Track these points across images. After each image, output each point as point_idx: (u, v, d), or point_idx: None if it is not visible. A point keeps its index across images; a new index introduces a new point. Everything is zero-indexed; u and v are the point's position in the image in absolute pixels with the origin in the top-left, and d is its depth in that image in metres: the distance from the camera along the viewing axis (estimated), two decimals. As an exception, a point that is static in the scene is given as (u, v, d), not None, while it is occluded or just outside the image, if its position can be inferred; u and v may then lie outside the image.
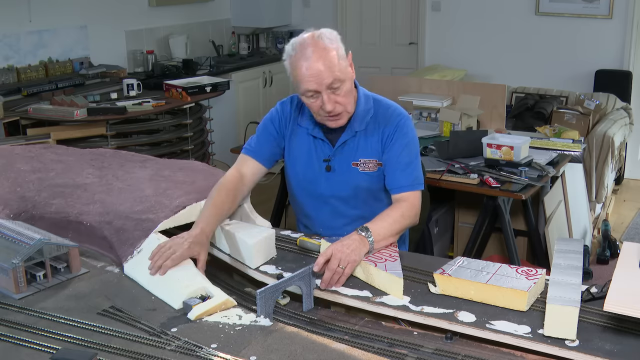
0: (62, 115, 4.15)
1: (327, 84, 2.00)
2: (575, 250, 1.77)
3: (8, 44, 4.81)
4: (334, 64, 1.99)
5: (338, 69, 2.00)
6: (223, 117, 5.60)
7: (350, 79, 2.07)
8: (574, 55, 5.81)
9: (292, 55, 2.02)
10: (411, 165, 2.16)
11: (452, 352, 1.49)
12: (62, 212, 2.11)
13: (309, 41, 2.00)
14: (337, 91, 2.03)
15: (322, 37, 2.01)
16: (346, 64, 2.06)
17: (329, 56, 1.99)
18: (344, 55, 2.06)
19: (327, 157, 2.20)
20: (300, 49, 2.00)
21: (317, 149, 2.21)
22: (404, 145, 2.16)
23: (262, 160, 2.23)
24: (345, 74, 2.04)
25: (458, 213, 3.93)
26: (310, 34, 2.03)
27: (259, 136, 2.25)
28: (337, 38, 2.06)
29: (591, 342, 1.48)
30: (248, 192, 2.20)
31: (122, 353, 1.46)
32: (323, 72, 1.98)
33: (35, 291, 1.75)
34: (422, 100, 4.28)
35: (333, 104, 2.04)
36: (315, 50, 1.98)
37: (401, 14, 6.60)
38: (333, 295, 1.74)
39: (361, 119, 2.16)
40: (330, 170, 2.20)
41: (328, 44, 2.00)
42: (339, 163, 2.19)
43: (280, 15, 6.76)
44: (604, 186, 4.79)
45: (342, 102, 2.06)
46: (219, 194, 2.06)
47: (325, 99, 2.02)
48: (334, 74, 1.99)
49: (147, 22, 5.86)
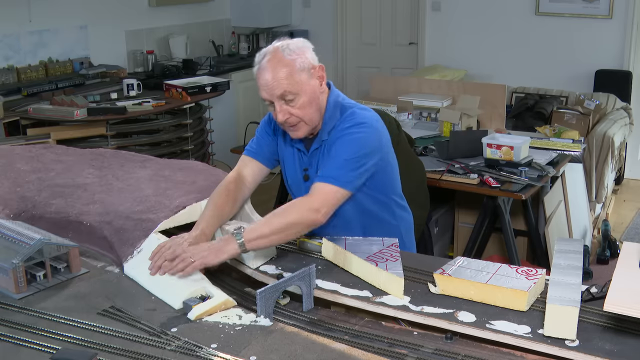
0: (62, 115, 4.16)
1: (277, 94, 1.98)
2: (575, 250, 1.77)
3: (8, 44, 4.82)
4: (285, 76, 1.96)
5: (290, 82, 1.96)
6: (223, 117, 5.60)
7: (309, 92, 2.01)
8: (573, 55, 5.81)
9: (257, 62, 2.03)
10: (348, 164, 1.98)
11: (452, 352, 1.49)
12: (62, 212, 2.11)
13: (270, 50, 2.00)
14: (291, 103, 2.00)
15: (285, 48, 1.98)
16: (306, 77, 2.00)
17: (282, 69, 1.96)
18: (306, 68, 2.00)
19: (305, 166, 2.18)
20: (261, 57, 2.01)
21: (297, 158, 2.19)
22: (344, 144, 2.02)
23: (264, 161, 2.21)
24: (301, 87, 1.99)
25: (458, 213, 3.93)
26: (277, 44, 2.01)
27: (258, 137, 2.25)
28: (304, 50, 2.01)
29: (591, 342, 1.48)
30: (249, 193, 2.19)
31: (122, 353, 1.46)
32: (272, 82, 1.97)
33: (35, 291, 1.75)
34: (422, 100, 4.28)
35: (285, 114, 2.00)
36: (270, 61, 1.97)
37: (401, 14, 6.60)
38: (333, 295, 1.74)
39: (325, 128, 2.10)
40: (307, 180, 2.16)
41: (287, 55, 1.97)
42: (313, 172, 2.15)
43: (280, 15, 6.76)
44: (604, 186, 4.79)
45: (297, 114, 2.01)
46: (219, 196, 2.06)
47: (277, 109, 2.00)
48: (282, 86, 1.96)
49: (147, 22, 5.86)
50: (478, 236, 3.53)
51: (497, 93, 4.16)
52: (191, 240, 1.87)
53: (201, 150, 4.95)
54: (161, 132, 4.71)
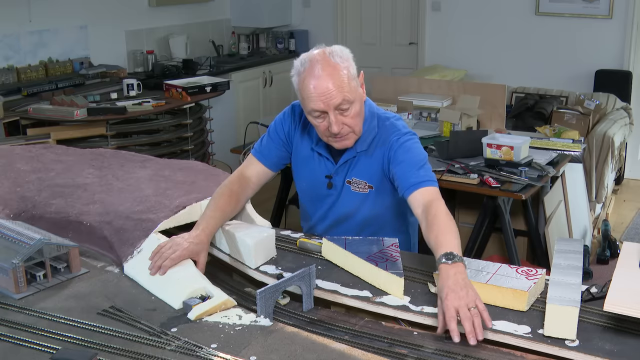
0: (62, 115, 4.16)
1: (335, 104, 1.90)
2: (575, 250, 1.77)
3: (8, 44, 4.82)
4: (344, 83, 1.89)
5: (347, 89, 1.90)
6: (223, 117, 5.60)
7: (359, 100, 1.97)
8: (573, 55, 5.82)
9: (301, 71, 1.92)
10: (424, 167, 2.01)
11: (452, 352, 1.49)
12: (62, 212, 2.11)
13: (319, 58, 1.90)
14: (345, 112, 1.93)
15: (334, 54, 1.91)
16: (357, 85, 1.96)
17: (339, 75, 1.89)
18: (355, 75, 1.95)
19: (329, 173, 2.14)
20: (309, 65, 1.90)
21: (320, 165, 2.16)
22: (407, 150, 2.03)
23: (269, 164, 2.17)
24: (355, 94, 1.94)
25: (458, 213, 3.93)
26: (321, 50, 1.93)
27: (267, 140, 2.19)
28: (349, 57, 1.95)
29: (591, 342, 1.48)
30: (252, 194, 2.16)
31: (122, 353, 1.46)
32: (332, 91, 1.88)
33: (35, 291, 1.75)
34: (422, 100, 4.28)
35: (340, 125, 1.94)
36: (325, 68, 1.88)
37: (401, 14, 6.60)
38: (333, 295, 1.74)
39: (364, 139, 2.07)
40: (331, 188, 2.15)
41: (339, 62, 1.90)
42: (340, 180, 2.14)
43: (280, 15, 6.76)
44: (604, 186, 4.79)
45: (350, 123, 1.96)
46: (221, 196, 2.03)
47: (332, 120, 1.92)
48: (343, 94, 1.89)
49: (147, 22, 5.86)
50: (478, 236, 3.53)
51: (497, 93, 4.16)
52: (191, 240, 1.86)
53: (201, 150, 4.96)
54: (161, 132, 4.71)
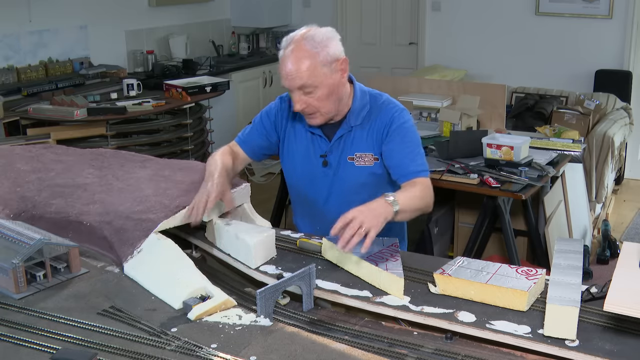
0: (62, 115, 4.16)
1: (295, 85, 2.02)
2: (575, 250, 1.77)
3: (8, 44, 4.82)
4: (308, 69, 1.98)
5: (310, 75, 1.99)
6: (223, 117, 5.60)
7: (328, 85, 2.04)
8: (574, 55, 5.82)
9: (281, 48, 2.05)
10: (417, 154, 2.14)
11: (452, 352, 1.49)
12: (62, 212, 2.10)
13: (295, 40, 2.01)
14: (310, 94, 2.03)
15: (310, 38, 2.00)
16: (328, 71, 2.02)
17: (305, 61, 1.98)
18: (328, 62, 2.02)
19: (323, 152, 2.21)
20: (286, 45, 2.03)
21: (314, 145, 2.22)
22: (402, 134, 2.15)
23: (248, 151, 2.30)
24: (321, 80, 2.02)
25: (458, 213, 3.93)
26: (303, 32, 2.02)
27: (252, 127, 2.31)
28: (329, 42, 2.02)
29: (591, 342, 1.48)
30: (236, 173, 2.27)
31: (122, 353, 1.46)
32: (294, 74, 1.99)
33: (35, 291, 1.75)
34: (422, 100, 4.28)
35: (303, 104, 2.05)
36: (295, 51, 1.99)
37: (401, 14, 6.60)
38: (333, 295, 1.74)
39: (357, 114, 2.16)
40: (326, 166, 2.21)
41: (310, 48, 1.99)
42: (335, 158, 2.20)
43: (280, 15, 6.76)
44: (604, 186, 4.80)
45: (315, 105, 2.06)
46: (223, 153, 2.22)
47: (294, 99, 2.05)
48: (303, 80, 1.99)
49: (147, 22, 5.86)
50: (478, 236, 3.53)
51: (497, 93, 4.15)
52: (217, 182, 1.99)
53: (201, 150, 4.96)
54: (161, 132, 4.71)
